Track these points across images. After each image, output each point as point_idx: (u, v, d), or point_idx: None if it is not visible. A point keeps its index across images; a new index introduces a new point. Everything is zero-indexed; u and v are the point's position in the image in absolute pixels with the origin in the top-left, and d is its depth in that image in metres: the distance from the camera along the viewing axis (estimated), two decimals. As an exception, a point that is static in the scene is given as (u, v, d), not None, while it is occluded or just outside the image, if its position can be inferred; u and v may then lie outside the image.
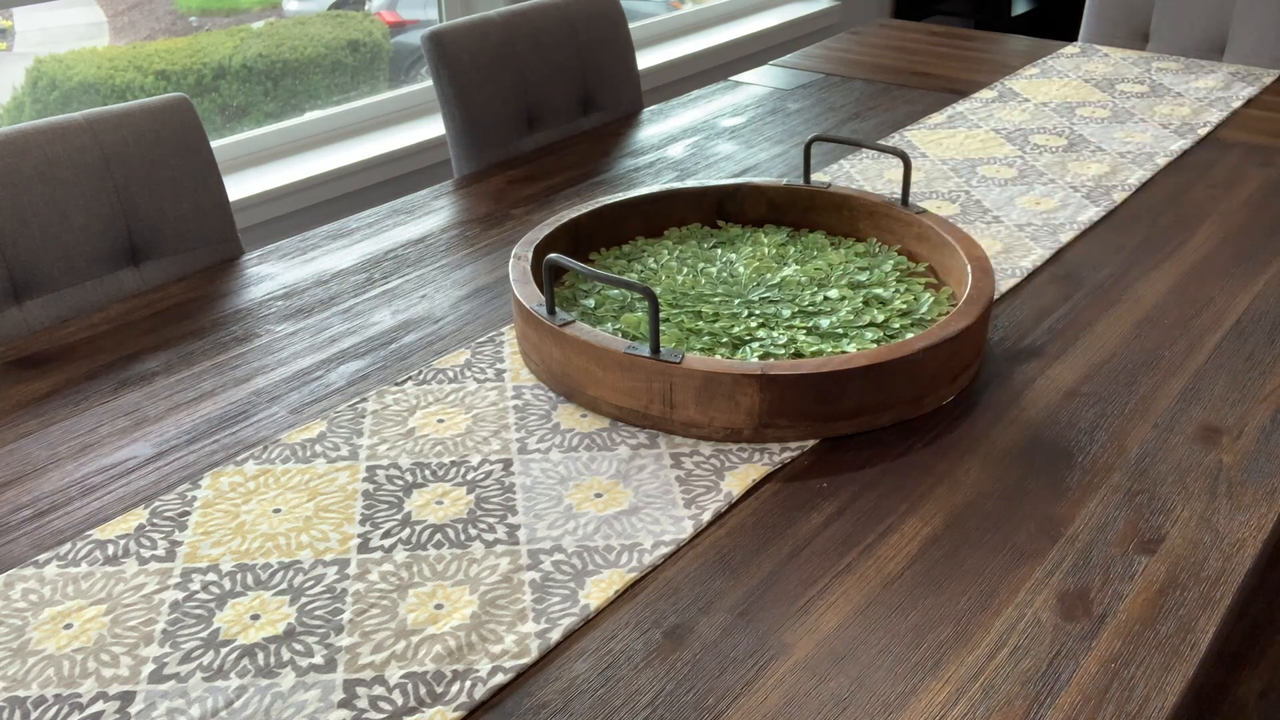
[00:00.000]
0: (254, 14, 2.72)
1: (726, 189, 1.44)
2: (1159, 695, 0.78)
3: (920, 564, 0.90)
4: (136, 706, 0.78)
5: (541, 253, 1.25)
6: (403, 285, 1.38)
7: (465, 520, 0.95)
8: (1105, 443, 1.05)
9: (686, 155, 1.79)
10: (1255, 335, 1.23)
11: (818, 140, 1.44)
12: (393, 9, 3.08)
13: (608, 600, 0.87)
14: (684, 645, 0.83)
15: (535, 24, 1.95)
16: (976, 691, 0.78)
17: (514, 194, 1.67)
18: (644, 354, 1.04)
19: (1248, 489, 0.99)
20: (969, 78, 2.17)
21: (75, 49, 2.44)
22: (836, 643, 0.83)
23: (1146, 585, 0.88)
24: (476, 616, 0.85)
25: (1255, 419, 1.09)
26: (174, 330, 1.29)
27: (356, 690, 0.79)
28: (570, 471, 1.02)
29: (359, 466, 1.03)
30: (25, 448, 1.07)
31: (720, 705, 0.77)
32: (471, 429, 1.08)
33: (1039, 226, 1.50)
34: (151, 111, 1.47)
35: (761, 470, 1.02)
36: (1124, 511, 0.96)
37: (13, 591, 0.88)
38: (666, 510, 0.96)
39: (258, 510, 0.97)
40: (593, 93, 2.06)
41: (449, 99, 1.84)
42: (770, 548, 0.92)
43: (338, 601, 0.87)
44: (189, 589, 0.88)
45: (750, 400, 1.03)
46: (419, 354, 1.22)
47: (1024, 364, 1.19)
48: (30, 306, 1.37)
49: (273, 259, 1.47)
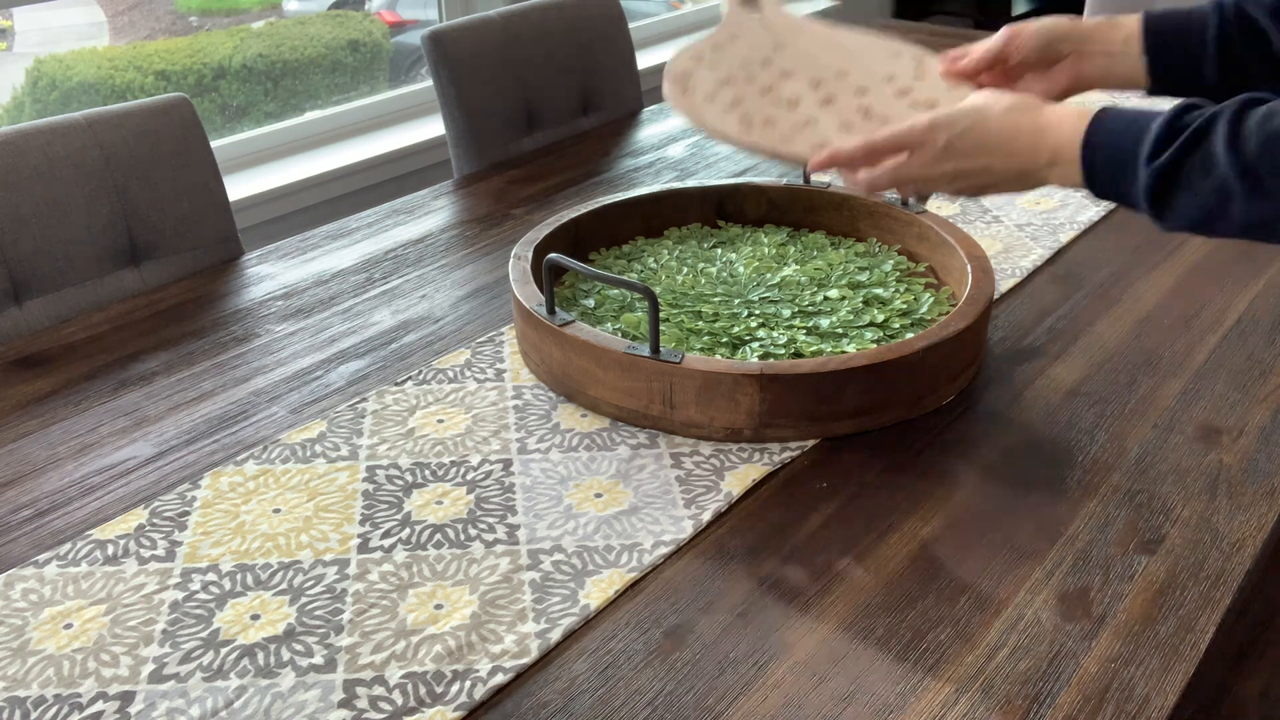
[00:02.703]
0: (254, 14, 2.72)
1: (726, 189, 1.44)
2: (1159, 695, 0.78)
3: (920, 564, 0.90)
4: (136, 706, 0.78)
5: (541, 253, 1.25)
6: (403, 285, 1.39)
7: (465, 520, 0.95)
8: (1105, 443, 1.05)
9: (686, 155, 1.80)
10: (1255, 335, 1.23)
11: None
12: (393, 9, 3.08)
13: (608, 600, 0.87)
14: (684, 645, 0.83)
15: (535, 24, 1.95)
16: (976, 691, 0.78)
17: (514, 194, 1.67)
18: (644, 354, 1.04)
19: (1248, 489, 0.99)
20: (969, 78, 2.17)
21: (75, 49, 2.44)
22: (836, 643, 0.83)
23: (1146, 585, 0.88)
24: (476, 616, 0.85)
25: (1255, 419, 1.09)
26: (174, 330, 1.29)
27: (356, 690, 0.79)
28: (570, 471, 1.02)
29: (359, 466, 1.03)
30: (25, 448, 1.07)
31: (720, 705, 0.77)
32: (471, 429, 1.08)
33: (1039, 226, 1.50)
34: (151, 111, 1.47)
35: (761, 470, 1.02)
36: (1124, 511, 0.96)
37: (13, 591, 0.88)
38: (666, 510, 0.96)
39: (258, 510, 0.97)
40: (593, 93, 2.06)
41: (449, 99, 1.84)
42: (770, 548, 0.92)
43: (338, 601, 0.87)
44: (189, 589, 0.88)
45: (750, 400, 1.03)
46: (419, 354, 1.22)
47: (1024, 364, 1.19)
48: (30, 306, 1.37)
49: (273, 259, 1.47)
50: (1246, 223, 0.78)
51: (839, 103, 1.03)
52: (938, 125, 0.91)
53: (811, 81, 1.05)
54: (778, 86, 1.05)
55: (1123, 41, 1.02)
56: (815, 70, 1.07)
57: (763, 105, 1.02)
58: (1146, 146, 0.81)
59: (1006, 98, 0.91)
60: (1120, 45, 1.02)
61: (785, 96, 1.03)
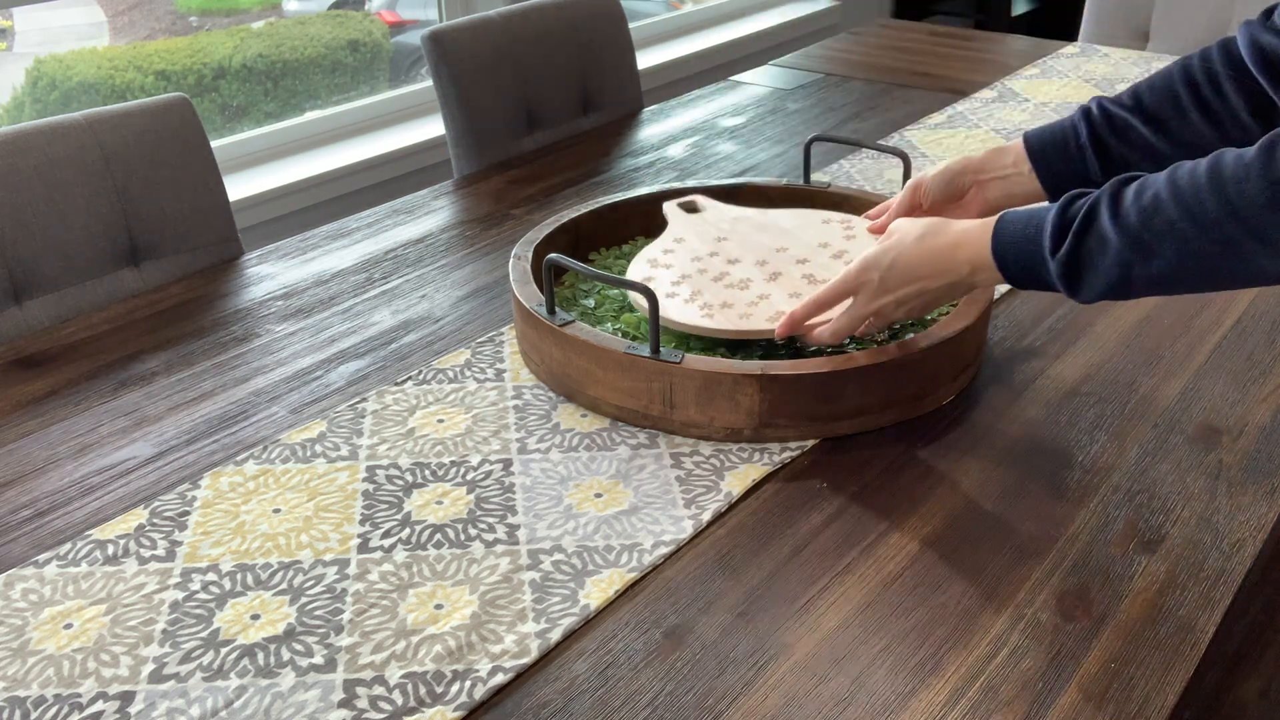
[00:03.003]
0: (254, 14, 2.72)
1: (726, 189, 1.44)
2: (1159, 695, 0.78)
3: (920, 564, 0.90)
4: (136, 706, 0.78)
5: (541, 253, 1.25)
6: (402, 285, 1.39)
7: (465, 520, 0.95)
8: (1105, 443, 1.05)
9: (686, 155, 1.80)
10: (1255, 335, 1.23)
11: (818, 140, 1.44)
12: (393, 9, 3.08)
13: (608, 600, 0.87)
14: (684, 645, 0.83)
15: (535, 24, 1.95)
16: (976, 691, 0.78)
17: (514, 194, 1.67)
18: (644, 354, 1.04)
19: (1248, 489, 0.99)
20: (969, 78, 2.17)
21: (75, 49, 2.44)
22: (836, 643, 0.83)
23: (1146, 585, 0.88)
24: (476, 616, 0.85)
25: (1255, 419, 1.09)
26: (174, 330, 1.29)
27: (356, 690, 0.79)
28: (570, 471, 1.02)
29: (359, 466, 1.03)
30: (25, 448, 1.07)
31: (720, 705, 0.77)
32: (471, 429, 1.08)
33: (1039, 226, 1.50)
34: (151, 111, 1.47)
35: (761, 470, 1.02)
36: (1124, 511, 0.96)
37: (13, 591, 0.88)
38: (666, 510, 0.96)
39: (258, 510, 0.97)
40: (593, 93, 2.06)
41: (449, 99, 1.84)
42: (770, 548, 0.92)
43: (338, 601, 0.87)
44: (189, 589, 0.88)
45: (750, 400, 1.03)
46: (419, 354, 1.22)
47: (1024, 364, 1.19)
48: (30, 306, 1.37)
49: (273, 259, 1.47)
50: (1150, 282, 0.88)
51: (785, 275, 1.17)
52: (867, 265, 1.02)
53: (757, 262, 1.20)
54: (728, 272, 1.18)
55: (1012, 164, 1.15)
56: (758, 252, 1.22)
57: (718, 291, 1.15)
58: (1047, 242, 0.92)
59: (918, 225, 1.02)
60: (1011, 168, 1.15)
61: (736, 279, 1.17)
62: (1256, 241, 0.82)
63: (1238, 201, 0.82)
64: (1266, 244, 0.82)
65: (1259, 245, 0.83)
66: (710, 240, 1.26)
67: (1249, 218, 0.82)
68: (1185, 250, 0.85)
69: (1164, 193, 0.86)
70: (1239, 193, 0.82)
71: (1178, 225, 0.85)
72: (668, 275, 1.19)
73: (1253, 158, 0.82)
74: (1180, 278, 0.87)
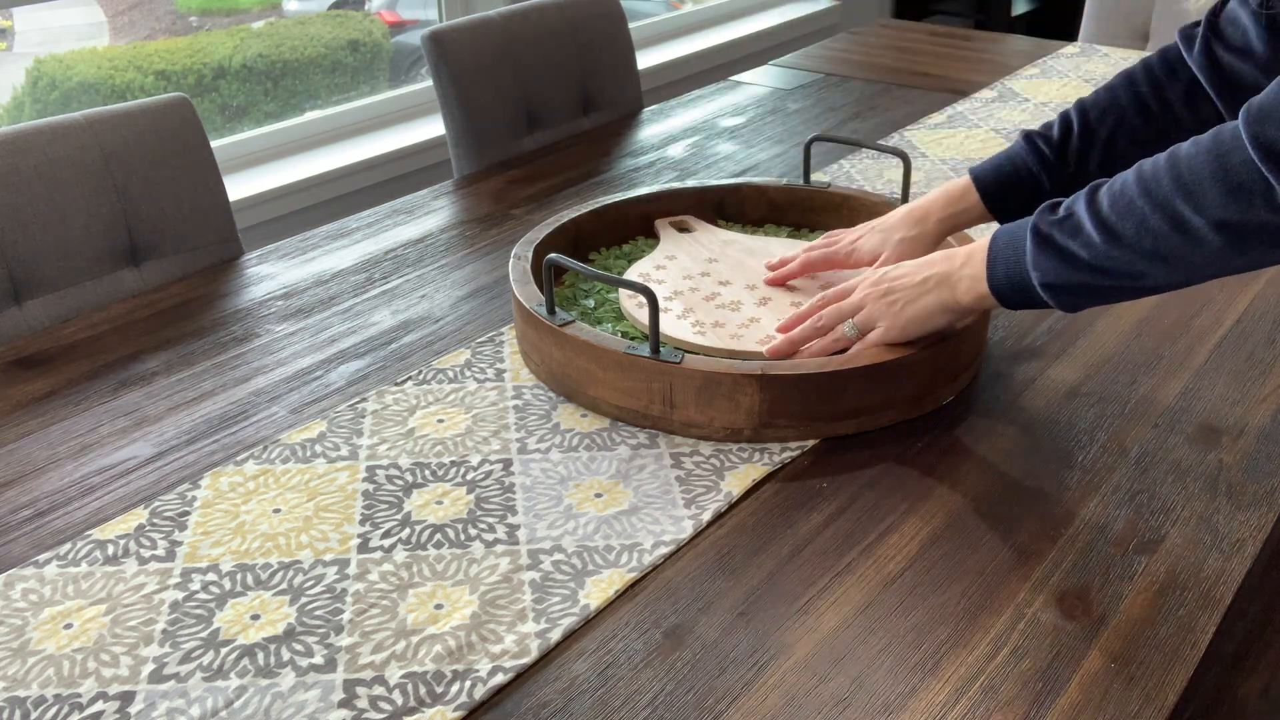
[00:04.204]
0: (254, 14, 2.72)
1: (726, 189, 1.44)
2: (1159, 695, 0.78)
3: (920, 564, 0.90)
4: (136, 706, 0.78)
5: (541, 253, 1.25)
6: (402, 285, 1.39)
7: (465, 520, 0.95)
8: (1105, 443, 1.05)
9: (686, 155, 1.80)
10: (1255, 335, 1.23)
11: (818, 140, 1.44)
12: (393, 9, 3.08)
13: (608, 600, 0.87)
14: (684, 645, 0.83)
15: (535, 24, 1.95)
16: (976, 691, 0.78)
17: (514, 194, 1.67)
18: (644, 354, 1.04)
19: (1248, 489, 0.99)
20: (969, 78, 2.17)
21: (75, 49, 2.44)
22: (836, 643, 0.83)
23: (1146, 585, 0.88)
24: (476, 616, 0.85)
25: (1255, 419, 1.09)
26: (174, 330, 1.29)
27: (356, 690, 0.79)
28: (570, 471, 1.02)
29: (359, 466, 1.03)
30: (25, 448, 1.07)
31: (720, 705, 0.77)
32: (471, 429, 1.08)
33: (1039, 226, 1.50)
34: (151, 111, 1.47)
35: (761, 470, 1.02)
36: (1124, 511, 0.96)
37: (13, 591, 0.88)
38: (666, 510, 0.96)
39: (258, 510, 0.97)
40: (593, 93, 2.06)
41: (449, 99, 1.84)
42: (770, 548, 0.92)
43: (338, 601, 0.87)
44: (189, 589, 0.88)
45: (750, 400, 1.03)
46: (419, 354, 1.22)
47: (1024, 364, 1.19)
48: (30, 306, 1.37)
49: (273, 259, 1.47)
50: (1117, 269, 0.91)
51: (774, 302, 1.20)
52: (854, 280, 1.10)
53: (747, 285, 1.24)
54: (719, 293, 1.22)
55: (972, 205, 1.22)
56: (748, 276, 1.26)
57: (710, 310, 1.18)
58: (1032, 219, 0.97)
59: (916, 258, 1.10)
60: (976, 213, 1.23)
61: (727, 300, 1.20)
62: (1200, 217, 0.86)
63: (1187, 177, 0.87)
64: (1204, 216, 0.86)
65: (1203, 222, 0.86)
66: (701, 260, 1.29)
67: (1195, 190, 0.86)
68: (1143, 228, 0.89)
69: (1130, 176, 0.92)
70: (1189, 168, 0.87)
71: (1136, 203, 0.90)
72: (660, 290, 1.21)
73: (1205, 136, 0.88)
74: (1143, 264, 0.90)
